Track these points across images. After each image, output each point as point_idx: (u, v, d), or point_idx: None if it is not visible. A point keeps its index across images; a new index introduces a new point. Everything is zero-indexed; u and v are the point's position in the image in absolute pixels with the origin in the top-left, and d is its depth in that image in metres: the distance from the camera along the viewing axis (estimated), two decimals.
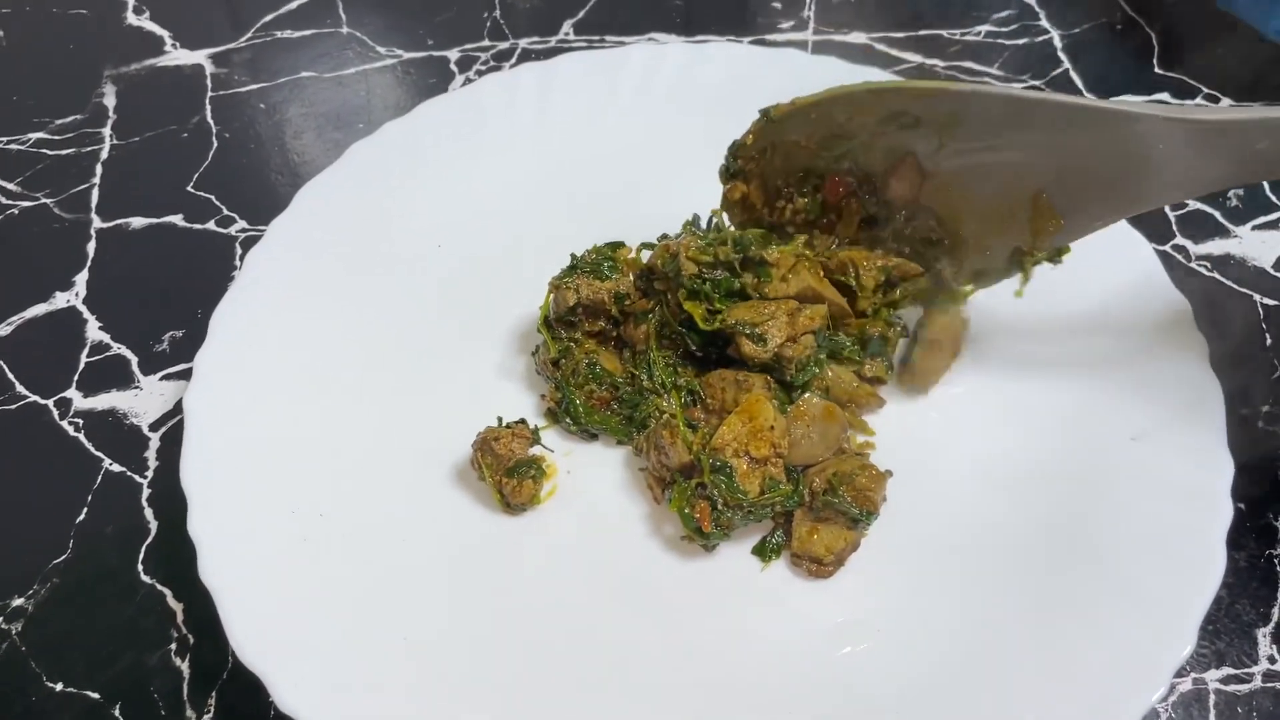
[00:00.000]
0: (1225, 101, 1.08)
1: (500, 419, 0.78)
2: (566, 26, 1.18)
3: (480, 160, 0.97)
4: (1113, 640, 0.67)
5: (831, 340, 0.81)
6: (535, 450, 0.78)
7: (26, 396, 0.87)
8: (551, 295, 0.82)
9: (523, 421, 0.78)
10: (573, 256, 0.83)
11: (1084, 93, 1.10)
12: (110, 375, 0.88)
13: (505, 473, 0.75)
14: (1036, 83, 1.10)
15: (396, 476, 0.78)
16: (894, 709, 0.67)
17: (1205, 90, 1.09)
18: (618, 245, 0.84)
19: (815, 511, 0.73)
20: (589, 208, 0.95)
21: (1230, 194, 1.00)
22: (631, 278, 0.82)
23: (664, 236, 0.87)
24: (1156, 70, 1.11)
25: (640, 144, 0.99)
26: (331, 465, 0.78)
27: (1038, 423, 0.80)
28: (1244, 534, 0.76)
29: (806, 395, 0.77)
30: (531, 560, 0.74)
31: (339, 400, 0.81)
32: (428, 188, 0.95)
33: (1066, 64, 1.12)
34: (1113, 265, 0.85)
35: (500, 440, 0.76)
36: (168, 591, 0.76)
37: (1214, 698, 0.71)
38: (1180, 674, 0.70)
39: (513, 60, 1.14)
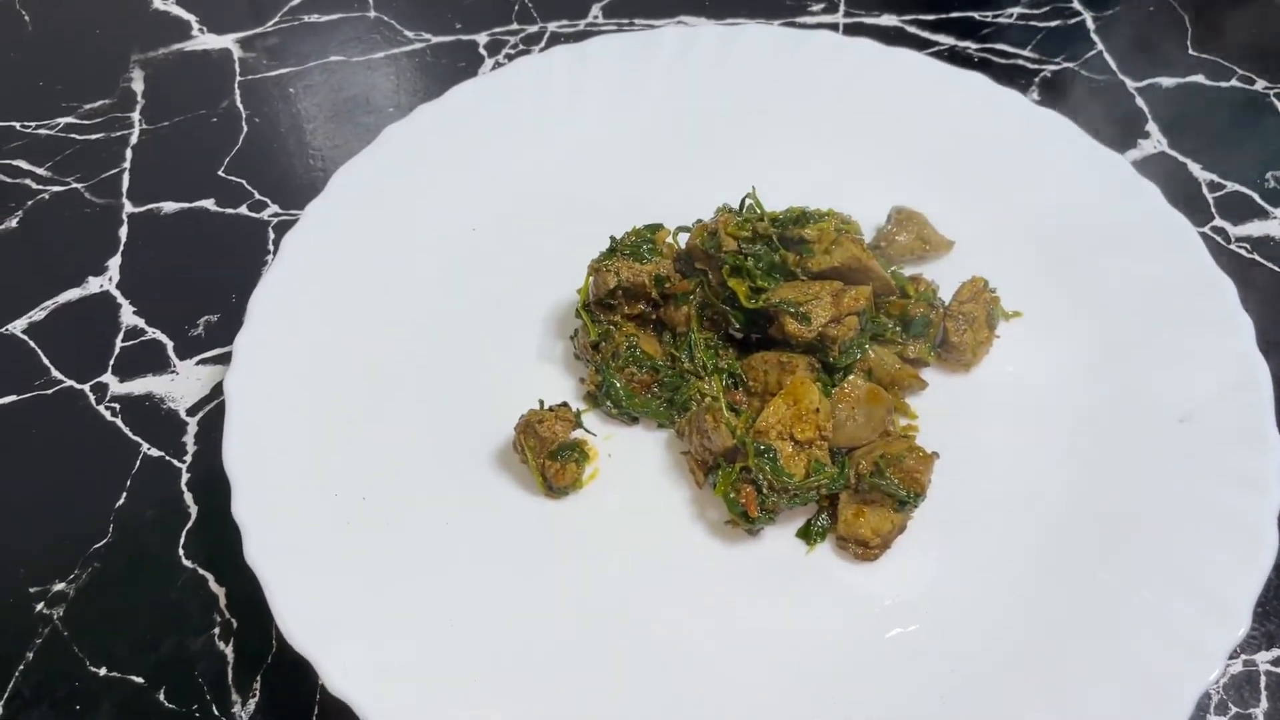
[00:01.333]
0: (1260, 83, 1.07)
1: (542, 401, 0.78)
2: (595, 9, 1.17)
3: (513, 143, 0.97)
4: (1164, 624, 0.66)
5: (874, 321, 0.80)
6: (577, 433, 0.77)
7: (62, 381, 0.87)
8: (591, 278, 0.81)
9: (565, 404, 0.78)
10: (612, 239, 0.82)
11: (1117, 73, 1.09)
12: (146, 360, 0.88)
13: (548, 455, 0.75)
14: (1071, 64, 1.09)
15: (438, 459, 0.78)
16: (944, 692, 0.66)
17: (1240, 71, 1.08)
18: (656, 227, 0.83)
19: (861, 494, 0.73)
20: (622, 191, 0.94)
21: (1269, 175, 0.99)
22: (671, 261, 0.82)
23: (698, 221, 0.86)
24: (1191, 51, 1.10)
25: (672, 126, 0.99)
26: (372, 448, 0.77)
27: (1083, 403, 0.79)
28: None
29: (850, 377, 0.76)
30: (574, 544, 0.74)
31: (378, 383, 0.81)
32: (461, 171, 0.94)
33: (1100, 45, 1.11)
34: (1156, 246, 0.85)
35: (544, 423, 0.75)
36: (209, 576, 0.75)
37: (1265, 679, 0.70)
38: (1231, 655, 0.69)
39: (542, 44, 1.14)
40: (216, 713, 0.69)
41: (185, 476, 0.81)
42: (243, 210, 0.99)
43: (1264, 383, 0.76)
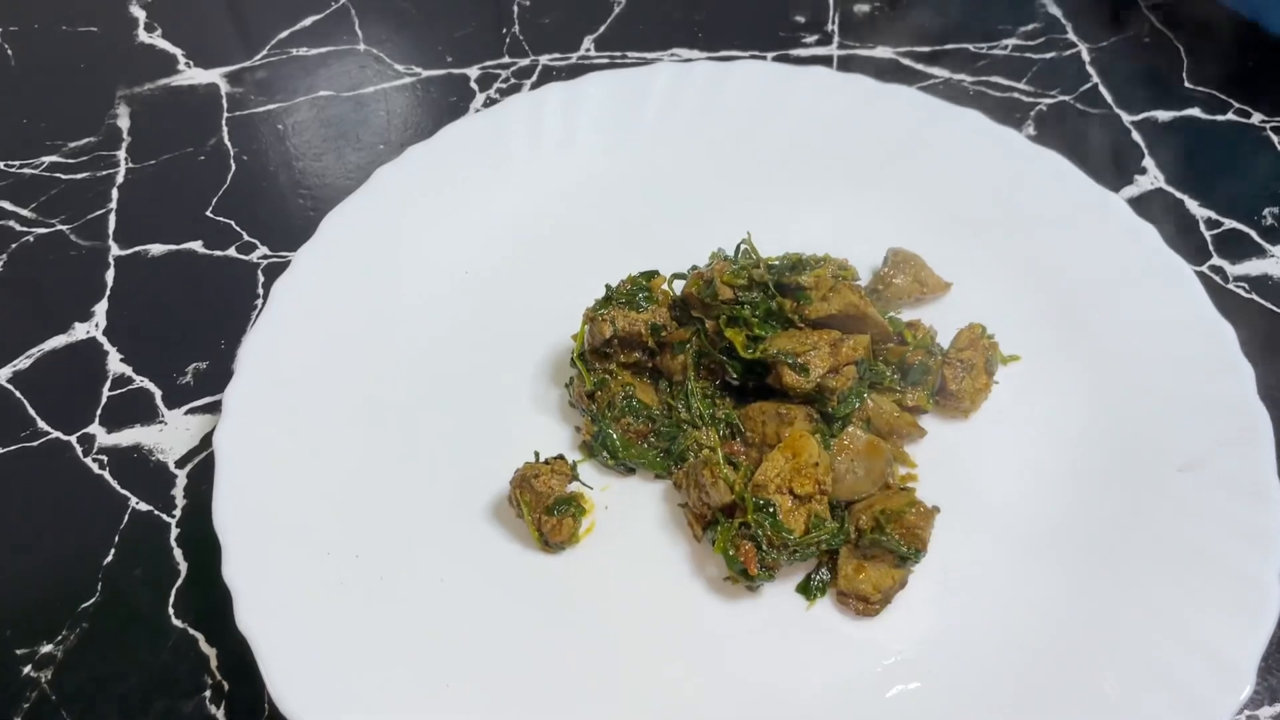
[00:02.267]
0: (1256, 116, 1.07)
1: (537, 454, 0.77)
2: (587, 42, 1.16)
3: (505, 184, 0.96)
4: (1168, 683, 0.66)
5: (872, 369, 0.80)
6: (573, 486, 0.76)
7: (49, 433, 0.85)
8: (586, 327, 0.80)
9: (561, 457, 0.77)
10: (607, 287, 0.81)
11: (1113, 107, 1.08)
12: (134, 409, 0.86)
13: (544, 510, 0.74)
14: (1067, 98, 1.09)
15: (432, 514, 0.77)
16: None
17: (1236, 105, 1.08)
18: (652, 274, 0.83)
19: (862, 549, 0.72)
20: (617, 234, 0.93)
21: (1266, 211, 0.98)
22: (666, 309, 0.81)
23: (693, 268, 0.85)
24: (1186, 84, 1.10)
25: (666, 166, 0.98)
26: (365, 504, 0.76)
27: (1082, 451, 0.78)
28: None
29: (849, 428, 0.75)
30: (570, 601, 0.73)
31: (370, 436, 0.80)
32: (454, 213, 0.93)
33: (1096, 79, 1.11)
34: (1155, 291, 0.84)
35: (539, 477, 0.74)
36: (200, 636, 0.74)
37: None
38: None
39: (534, 78, 1.13)
40: None
41: (175, 532, 0.79)
42: (231, 252, 0.98)
43: (1265, 431, 0.75)
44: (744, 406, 0.79)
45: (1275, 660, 0.72)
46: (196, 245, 0.98)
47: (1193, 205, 0.99)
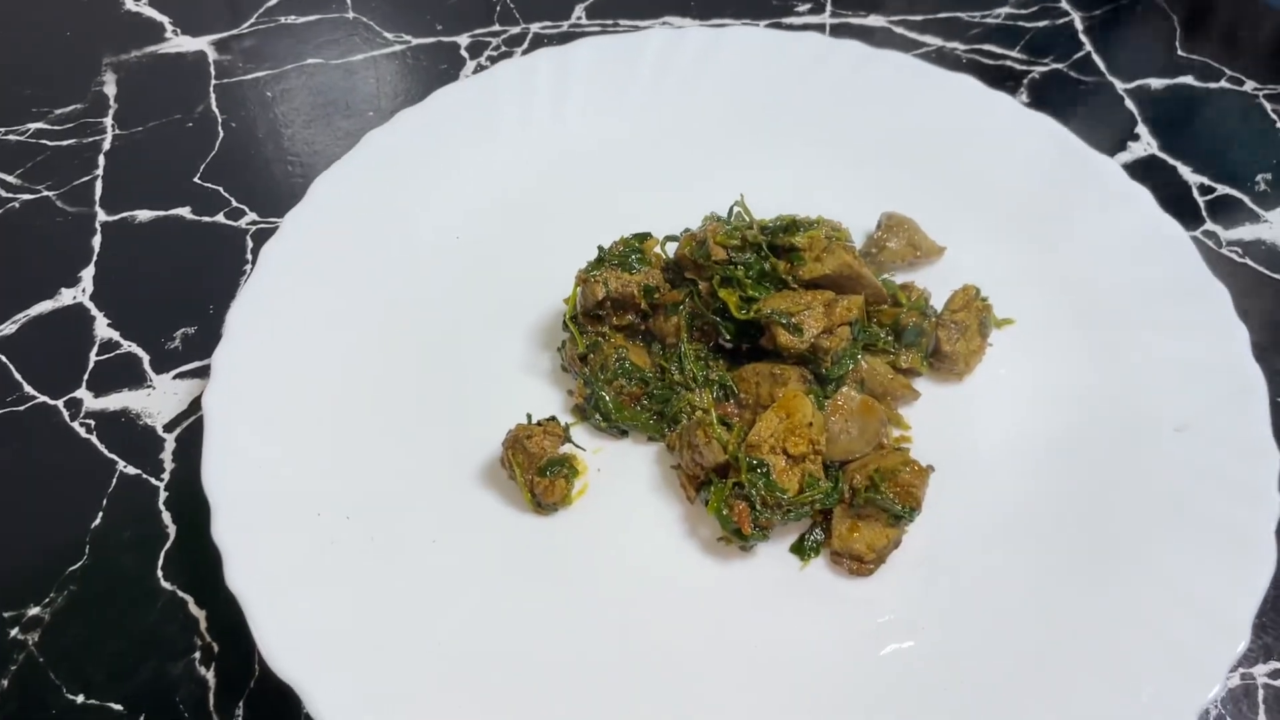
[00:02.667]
0: (1249, 84, 1.06)
1: (530, 416, 0.76)
2: (578, 10, 1.15)
3: (497, 149, 0.95)
4: (1163, 639, 0.66)
5: (866, 331, 0.79)
6: (565, 448, 0.76)
7: (35, 397, 0.84)
8: (579, 289, 0.80)
9: (554, 419, 0.76)
10: (600, 249, 0.81)
11: (1106, 75, 1.08)
12: (121, 374, 0.86)
13: (537, 472, 0.73)
14: (1060, 65, 1.09)
15: (423, 476, 0.76)
16: (940, 707, 0.65)
17: (1229, 72, 1.07)
18: (644, 236, 0.82)
19: (856, 508, 0.72)
20: (608, 197, 0.92)
21: (1259, 177, 0.98)
22: (659, 271, 0.80)
23: (686, 230, 0.84)
24: (1180, 53, 1.10)
25: (658, 131, 0.97)
26: (356, 465, 0.76)
27: (1077, 412, 0.78)
28: None
29: (844, 389, 0.75)
30: (564, 562, 0.73)
31: (360, 397, 0.79)
32: (445, 178, 0.92)
33: (1089, 46, 1.10)
34: (1149, 253, 0.84)
35: (532, 438, 0.73)
36: (189, 598, 0.73)
37: (1263, 693, 0.70)
38: (1229, 670, 0.69)
39: (524, 45, 1.12)
40: None
41: (163, 495, 0.78)
42: (219, 218, 0.97)
43: (1260, 391, 0.75)
44: (737, 368, 0.78)
45: (1271, 619, 0.72)
46: (184, 211, 0.97)
47: (1185, 172, 0.99)
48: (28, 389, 0.85)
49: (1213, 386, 0.77)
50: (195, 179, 1.00)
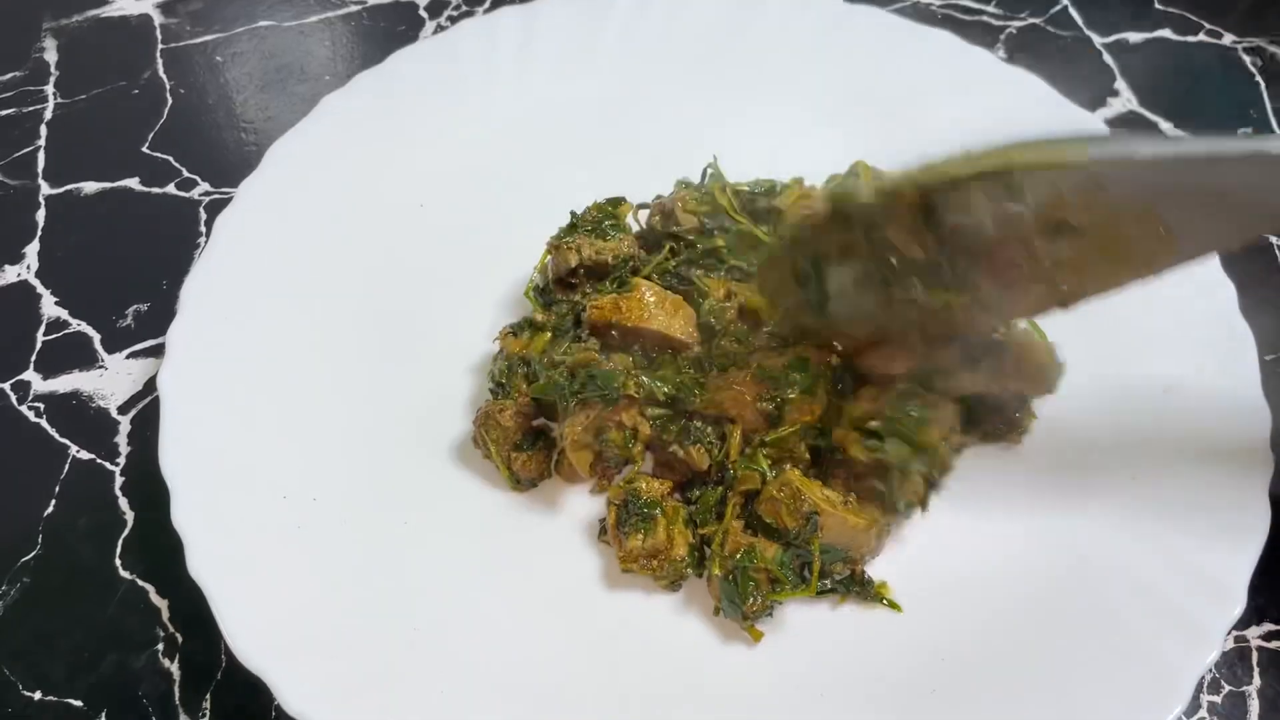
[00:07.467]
0: (1228, 37, 1.05)
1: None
2: None
3: (460, 112, 0.91)
4: (1159, 605, 0.64)
5: None
6: (540, 421, 0.73)
7: None
8: (549, 256, 0.77)
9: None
10: (572, 214, 0.78)
11: (1083, 29, 1.06)
12: (71, 354, 0.82)
13: (513, 446, 0.70)
14: (1036, 20, 1.06)
15: (392, 454, 0.73)
16: (935, 683, 0.64)
17: (1207, 25, 1.06)
18: (619, 201, 0.79)
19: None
20: (579, 162, 0.89)
21: (1238, 132, 0.97)
22: (634, 238, 0.78)
23: (657, 197, 0.81)
24: (1157, 5, 1.08)
25: (629, 91, 0.93)
26: (322, 445, 0.73)
27: (1067, 376, 0.76)
28: None
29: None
30: (543, 539, 0.70)
31: (324, 374, 0.76)
32: (407, 143, 0.88)
33: (1065, 0, 1.08)
34: None
35: (505, 412, 0.70)
36: (150, 587, 0.70)
37: (1256, 655, 0.69)
38: None
39: (486, 4, 1.07)
40: None
41: (119, 480, 0.75)
42: (170, 189, 0.92)
43: (1249, 348, 0.74)
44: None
45: (1264, 580, 0.71)
46: (133, 182, 0.93)
47: (1166, 127, 0.97)
48: None
49: (1203, 345, 0.75)
50: (144, 148, 0.95)
